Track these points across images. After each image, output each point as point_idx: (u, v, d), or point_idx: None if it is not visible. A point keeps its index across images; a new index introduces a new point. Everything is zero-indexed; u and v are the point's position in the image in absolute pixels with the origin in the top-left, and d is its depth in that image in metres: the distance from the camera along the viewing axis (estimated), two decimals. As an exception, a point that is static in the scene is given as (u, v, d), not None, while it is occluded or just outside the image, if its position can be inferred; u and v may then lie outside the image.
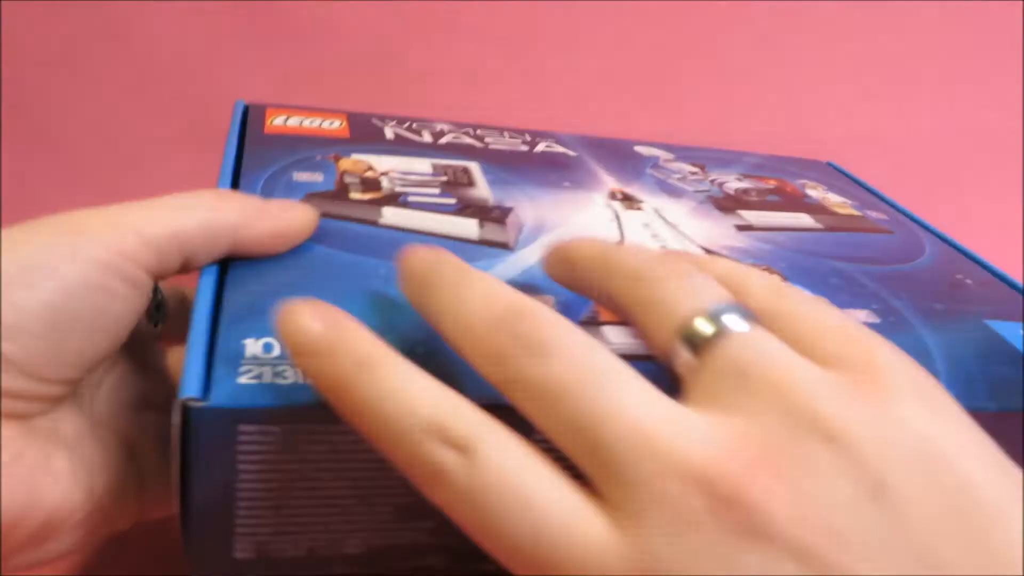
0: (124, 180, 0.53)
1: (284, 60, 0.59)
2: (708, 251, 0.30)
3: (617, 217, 0.31)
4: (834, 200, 0.38)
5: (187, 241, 0.22)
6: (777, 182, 0.39)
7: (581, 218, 0.31)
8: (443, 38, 0.60)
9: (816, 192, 0.39)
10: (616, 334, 0.23)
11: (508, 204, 0.31)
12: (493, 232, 0.28)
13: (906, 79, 0.65)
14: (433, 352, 0.20)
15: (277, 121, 0.35)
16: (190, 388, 0.18)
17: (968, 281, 0.32)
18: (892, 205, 0.39)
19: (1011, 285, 0.32)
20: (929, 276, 0.32)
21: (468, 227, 0.28)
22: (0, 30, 0.54)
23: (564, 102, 0.62)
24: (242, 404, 0.18)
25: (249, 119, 0.35)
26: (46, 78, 0.56)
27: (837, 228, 0.35)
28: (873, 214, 0.37)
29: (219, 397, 0.18)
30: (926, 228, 0.37)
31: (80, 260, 0.20)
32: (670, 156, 0.40)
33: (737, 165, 0.41)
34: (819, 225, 0.35)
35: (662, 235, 0.30)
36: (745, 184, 0.38)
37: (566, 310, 0.24)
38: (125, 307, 0.21)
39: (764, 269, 0.29)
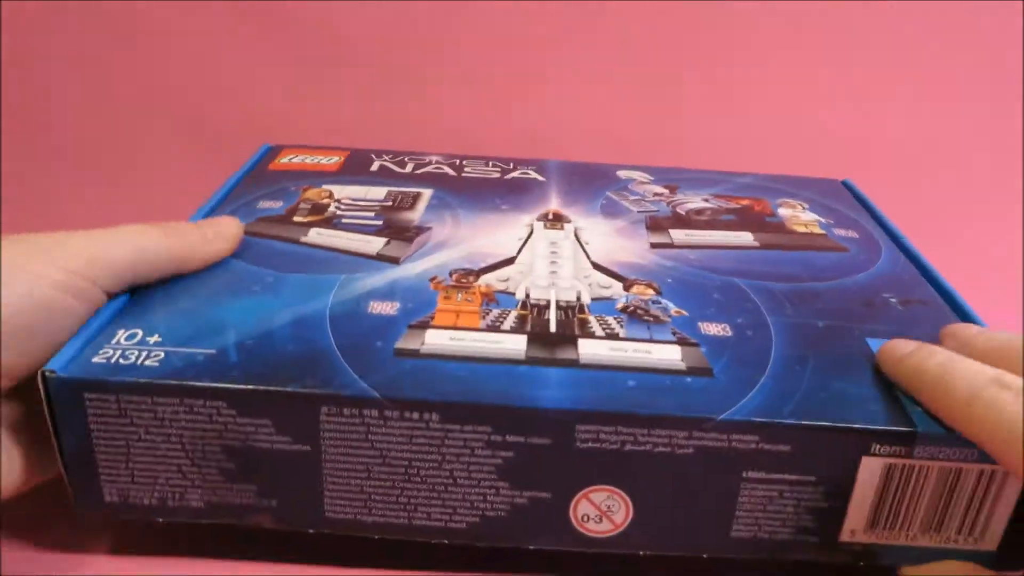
0: (124, 180, 0.55)
1: (287, 61, 0.60)
2: (595, 265, 0.32)
3: (529, 234, 0.34)
4: (805, 219, 0.38)
5: (141, 266, 0.27)
6: (750, 201, 0.39)
7: (492, 235, 0.34)
8: (446, 40, 0.61)
9: (789, 211, 0.38)
10: (434, 336, 0.26)
11: (429, 225, 0.34)
12: (394, 249, 0.32)
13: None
14: (262, 345, 0.25)
15: (284, 159, 0.42)
16: (55, 362, 0.24)
17: (892, 300, 0.31)
18: (884, 226, 0.38)
19: (956, 308, 0.31)
20: (845, 294, 0.31)
21: (373, 244, 0.32)
22: (0, 31, 0.56)
23: (583, 117, 0.62)
24: (83, 377, 0.24)
25: (265, 157, 0.42)
26: (46, 78, 0.58)
27: (778, 246, 0.34)
28: (841, 232, 0.36)
29: (70, 370, 0.24)
30: (905, 250, 0.35)
31: (31, 277, 0.24)
32: (647, 179, 0.41)
33: (719, 186, 0.41)
34: (756, 243, 0.35)
35: (562, 251, 0.33)
36: (706, 204, 0.38)
37: (408, 315, 0.28)
38: (69, 320, 0.26)
39: (645, 284, 0.30)
